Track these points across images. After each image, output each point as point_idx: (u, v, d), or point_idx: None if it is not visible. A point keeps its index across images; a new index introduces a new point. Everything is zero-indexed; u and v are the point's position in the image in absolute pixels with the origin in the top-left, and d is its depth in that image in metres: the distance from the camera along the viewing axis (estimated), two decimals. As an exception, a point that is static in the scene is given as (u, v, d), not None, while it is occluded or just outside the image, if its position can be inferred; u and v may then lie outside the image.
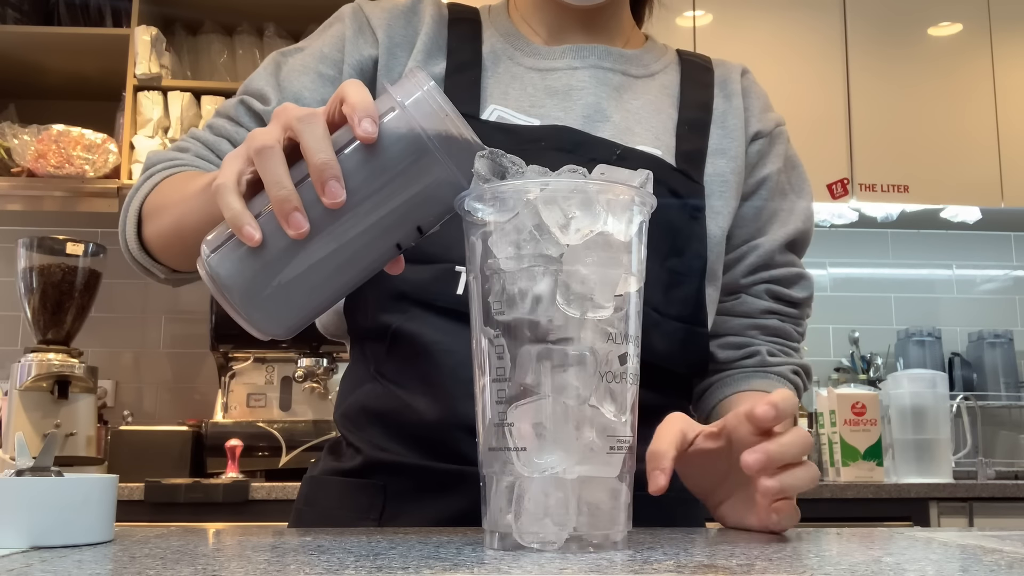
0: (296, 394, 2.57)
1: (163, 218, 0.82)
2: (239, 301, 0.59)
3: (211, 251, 0.60)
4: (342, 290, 0.62)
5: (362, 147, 0.58)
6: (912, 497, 2.34)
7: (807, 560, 0.53)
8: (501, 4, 1.03)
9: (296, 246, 0.58)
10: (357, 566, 0.49)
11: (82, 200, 2.76)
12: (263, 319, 0.60)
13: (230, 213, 0.58)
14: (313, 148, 0.57)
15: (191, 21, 2.95)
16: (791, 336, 0.99)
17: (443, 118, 0.58)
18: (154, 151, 0.93)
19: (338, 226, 0.58)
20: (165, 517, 2.12)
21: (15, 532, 0.55)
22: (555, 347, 0.54)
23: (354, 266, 0.61)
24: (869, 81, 2.97)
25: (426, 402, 0.83)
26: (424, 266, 0.83)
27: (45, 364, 2.32)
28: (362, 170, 0.58)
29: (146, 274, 0.88)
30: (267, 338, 0.62)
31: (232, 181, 0.59)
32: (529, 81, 0.94)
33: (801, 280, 0.99)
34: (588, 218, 0.55)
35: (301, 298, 0.60)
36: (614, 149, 0.90)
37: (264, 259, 0.58)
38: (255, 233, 0.57)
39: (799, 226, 0.99)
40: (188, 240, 0.75)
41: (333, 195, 0.56)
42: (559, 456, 0.54)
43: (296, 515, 0.93)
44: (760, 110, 1.01)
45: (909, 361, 3.07)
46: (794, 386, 0.96)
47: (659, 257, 0.86)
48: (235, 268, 0.59)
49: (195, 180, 0.79)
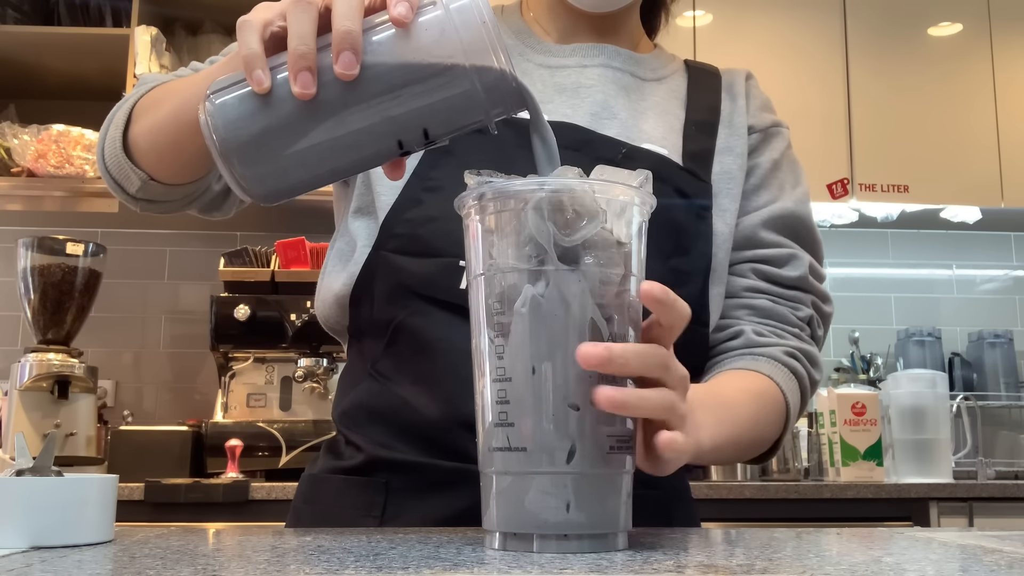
0: (296, 394, 2.57)
1: (161, 109, 0.79)
2: (228, 149, 0.57)
3: (213, 92, 0.58)
4: (334, 172, 0.60)
5: (392, 31, 0.56)
6: (912, 497, 2.34)
7: (807, 560, 0.53)
8: (514, 4, 1.04)
9: (299, 111, 0.56)
10: (357, 566, 0.49)
11: (82, 200, 2.76)
12: (247, 175, 0.58)
13: (247, 51, 0.56)
14: (341, 14, 0.55)
15: (191, 21, 2.95)
16: (786, 319, 0.92)
17: (483, 33, 0.56)
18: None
19: (345, 103, 0.56)
20: (165, 517, 2.12)
21: (15, 532, 0.55)
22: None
23: (352, 151, 0.59)
24: (869, 81, 2.97)
25: (426, 399, 0.83)
26: (428, 259, 0.84)
27: (45, 364, 2.32)
28: (384, 54, 0.56)
29: (117, 189, 0.85)
30: (246, 197, 0.60)
31: (259, 23, 0.58)
32: (538, 78, 0.95)
33: (793, 260, 0.93)
34: (588, 219, 0.55)
35: (292, 166, 0.58)
36: (620, 147, 0.90)
37: (265, 116, 0.57)
38: (265, 80, 0.56)
39: (788, 206, 0.95)
40: (184, 132, 0.72)
41: (346, 66, 0.54)
42: (559, 456, 0.54)
43: (294, 514, 0.92)
44: (756, 108, 1.01)
45: (909, 361, 3.07)
46: (791, 370, 0.88)
47: (663, 256, 0.85)
48: (234, 115, 0.57)
49: (204, 72, 0.77)
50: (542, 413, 0.54)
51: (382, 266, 0.86)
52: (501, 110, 0.59)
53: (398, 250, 0.85)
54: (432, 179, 0.86)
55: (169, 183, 0.83)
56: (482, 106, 0.58)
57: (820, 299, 0.96)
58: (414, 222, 0.85)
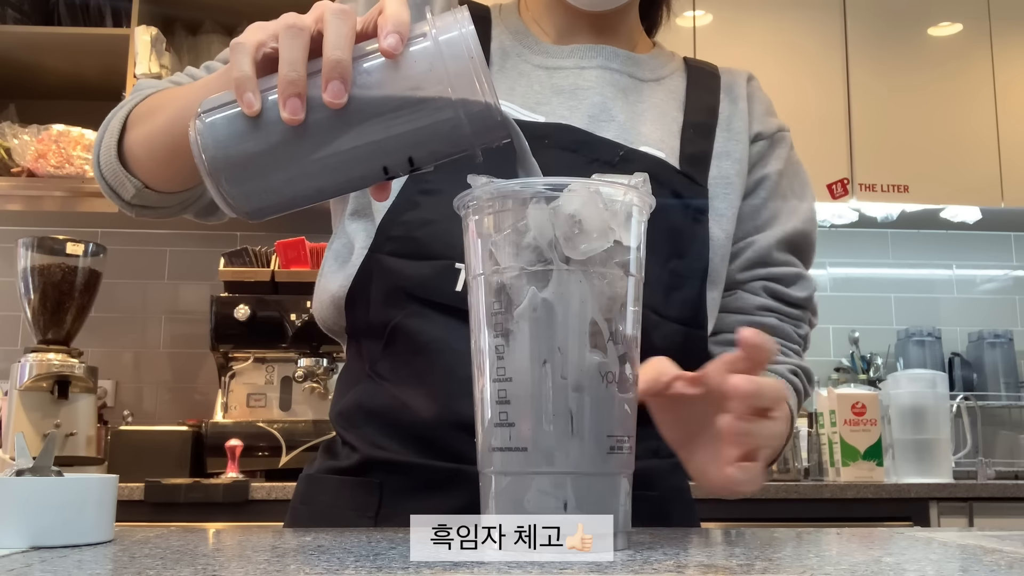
0: (296, 394, 2.57)
1: (156, 118, 0.79)
2: (216, 168, 0.57)
3: (204, 111, 0.59)
4: (320, 192, 0.61)
5: (381, 60, 0.57)
6: (912, 497, 2.34)
7: (807, 560, 0.53)
8: (512, 3, 1.04)
9: (287, 135, 0.57)
10: (357, 566, 0.49)
11: (82, 200, 2.76)
12: (234, 192, 0.58)
13: (238, 73, 0.57)
14: (332, 43, 0.56)
15: (191, 21, 2.95)
16: (790, 337, 0.97)
17: (470, 66, 0.57)
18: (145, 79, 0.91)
19: (333, 128, 0.57)
20: (165, 517, 2.12)
21: (15, 532, 0.55)
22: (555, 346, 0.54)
23: (338, 174, 0.59)
24: (869, 81, 2.97)
25: (423, 400, 0.83)
26: (424, 262, 0.84)
27: (45, 364, 2.32)
28: (373, 84, 0.57)
29: (112, 195, 0.85)
30: (232, 213, 0.60)
31: (251, 45, 0.58)
32: (536, 79, 0.95)
33: (800, 280, 0.98)
34: (588, 219, 0.55)
35: (278, 186, 0.59)
36: (617, 150, 0.90)
37: (253, 137, 0.57)
38: (255, 102, 0.56)
39: (798, 226, 0.98)
40: (180, 141, 0.72)
41: (334, 95, 0.55)
42: (558, 456, 0.54)
43: (292, 514, 0.92)
44: (762, 113, 1.01)
45: (909, 361, 3.07)
46: (794, 387, 0.94)
47: (660, 259, 0.86)
48: (223, 134, 0.58)
49: (200, 83, 0.77)
50: (542, 413, 0.54)
51: (379, 268, 0.86)
52: (486, 141, 0.60)
53: (394, 253, 0.85)
54: (429, 182, 0.86)
55: (164, 191, 0.84)
56: (467, 138, 0.58)
57: (814, 315, 1.02)
58: (411, 225, 0.85)
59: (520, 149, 0.62)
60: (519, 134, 0.61)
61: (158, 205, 0.86)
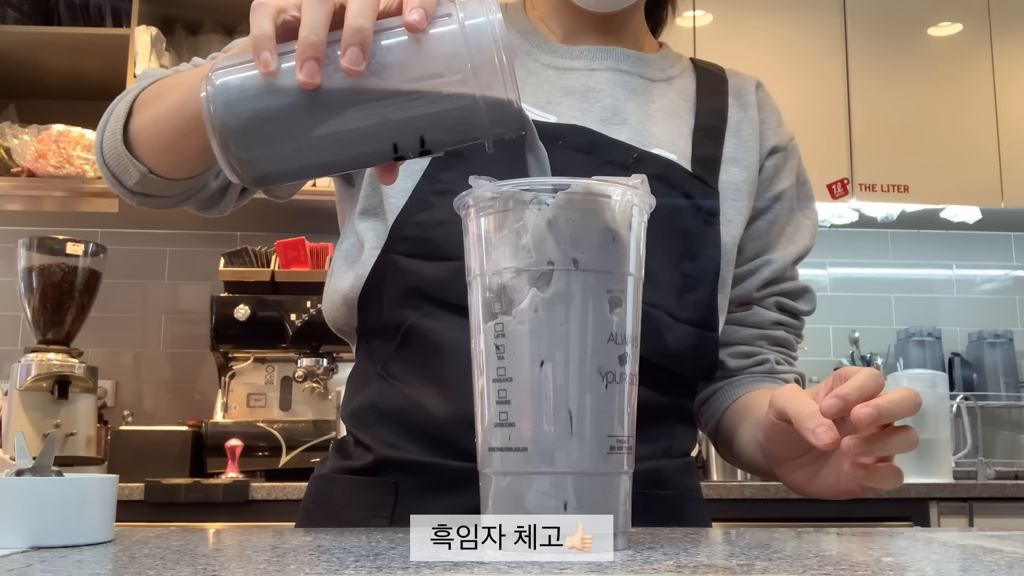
0: (296, 394, 2.57)
1: (163, 102, 0.78)
2: (225, 129, 0.57)
3: (217, 71, 0.58)
4: (327, 166, 0.60)
5: (404, 37, 0.56)
6: (912, 497, 2.34)
7: (807, 560, 0.53)
8: (517, 2, 1.03)
9: (301, 100, 0.56)
10: (357, 566, 0.49)
11: (82, 200, 2.76)
12: (240, 157, 0.58)
13: (258, 31, 0.56)
14: (354, 11, 0.55)
15: (191, 21, 2.95)
16: (792, 346, 1.02)
17: (493, 54, 0.56)
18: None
19: (347, 98, 0.56)
20: (165, 517, 2.12)
21: (15, 532, 0.55)
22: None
23: (347, 147, 0.59)
24: (869, 81, 2.97)
25: (437, 400, 0.83)
26: (439, 263, 0.83)
27: (45, 364, 2.32)
28: (392, 57, 0.56)
29: (114, 182, 0.84)
30: (235, 179, 0.60)
31: (273, 7, 0.58)
32: (545, 78, 0.95)
33: (806, 294, 1.02)
34: (587, 218, 0.55)
35: (285, 153, 0.58)
36: (631, 152, 0.90)
37: (266, 100, 0.57)
38: (272, 62, 0.56)
39: (807, 243, 1.02)
40: (190, 122, 0.71)
41: (352, 61, 0.55)
42: (558, 456, 0.54)
43: (304, 514, 0.92)
44: (776, 124, 1.02)
45: (909, 361, 3.07)
46: None
47: (672, 261, 0.86)
48: (235, 95, 0.57)
49: (205, 67, 0.76)
50: (542, 414, 0.54)
51: (392, 269, 0.86)
52: (500, 131, 0.59)
53: (408, 253, 0.85)
54: (442, 182, 0.85)
55: (168, 177, 0.83)
56: (483, 125, 0.58)
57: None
58: (424, 225, 0.85)
59: (532, 142, 0.61)
60: (533, 130, 0.61)
61: (161, 193, 0.84)
